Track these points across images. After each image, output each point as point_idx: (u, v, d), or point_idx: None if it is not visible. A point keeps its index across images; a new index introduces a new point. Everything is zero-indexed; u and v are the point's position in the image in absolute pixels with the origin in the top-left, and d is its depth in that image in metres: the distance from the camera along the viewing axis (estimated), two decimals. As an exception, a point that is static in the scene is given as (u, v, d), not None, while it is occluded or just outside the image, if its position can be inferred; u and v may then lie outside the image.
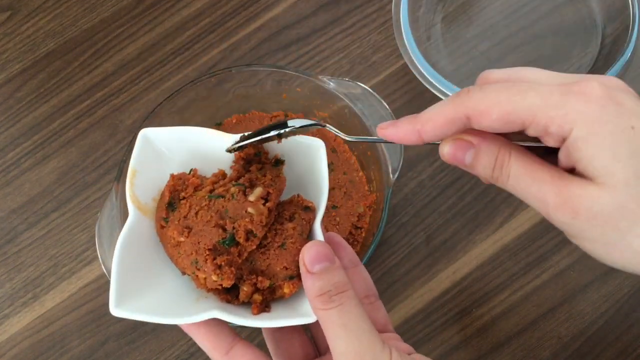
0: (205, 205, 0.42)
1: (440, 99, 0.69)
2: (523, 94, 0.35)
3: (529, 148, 0.39)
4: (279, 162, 0.46)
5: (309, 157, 0.45)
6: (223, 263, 0.41)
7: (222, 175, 0.45)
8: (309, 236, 0.44)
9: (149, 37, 0.82)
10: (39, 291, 0.73)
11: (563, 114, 0.34)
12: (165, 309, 0.42)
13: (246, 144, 0.45)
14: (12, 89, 0.81)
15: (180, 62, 0.81)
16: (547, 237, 0.72)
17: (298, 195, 0.45)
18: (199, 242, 0.41)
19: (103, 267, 0.64)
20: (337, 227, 0.69)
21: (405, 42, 0.75)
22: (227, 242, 0.41)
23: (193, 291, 0.44)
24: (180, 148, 0.45)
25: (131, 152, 0.59)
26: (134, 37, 0.82)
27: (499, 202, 0.73)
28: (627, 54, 0.72)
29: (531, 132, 0.36)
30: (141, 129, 0.65)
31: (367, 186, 0.71)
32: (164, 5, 0.84)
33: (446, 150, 0.39)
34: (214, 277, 0.41)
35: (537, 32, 0.79)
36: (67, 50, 0.82)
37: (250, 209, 0.42)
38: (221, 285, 0.41)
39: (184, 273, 0.44)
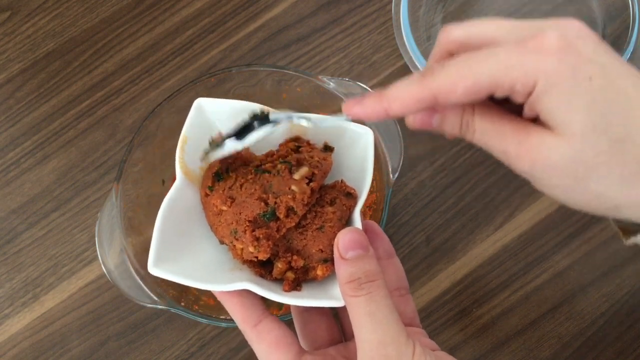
0: (251, 178, 0.43)
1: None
2: (483, 64, 0.35)
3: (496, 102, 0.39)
4: (327, 148, 0.46)
5: (356, 145, 0.45)
6: (261, 235, 0.41)
7: (271, 154, 0.45)
8: (348, 222, 0.44)
9: (149, 37, 0.82)
10: (39, 291, 0.73)
11: (524, 73, 0.35)
12: (200, 275, 0.42)
13: (222, 151, 0.44)
14: (12, 88, 0.81)
15: (180, 62, 0.81)
16: (547, 237, 0.72)
17: (341, 180, 0.45)
18: (240, 213, 0.42)
19: (103, 267, 0.64)
20: None
21: (405, 42, 0.75)
22: (267, 216, 0.42)
23: (229, 261, 0.44)
24: (231, 121, 0.45)
25: (131, 152, 0.60)
26: (134, 37, 0.82)
27: (499, 202, 0.73)
28: (627, 54, 0.72)
29: (499, 95, 0.36)
30: (141, 129, 0.65)
31: None
32: (164, 5, 0.84)
33: (413, 119, 0.40)
34: (251, 249, 0.41)
35: (537, 32, 0.79)
36: (67, 50, 0.82)
37: (293, 187, 0.42)
38: (257, 257, 0.42)
39: (222, 242, 0.44)
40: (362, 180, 0.44)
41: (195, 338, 0.71)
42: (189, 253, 0.44)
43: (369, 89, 0.66)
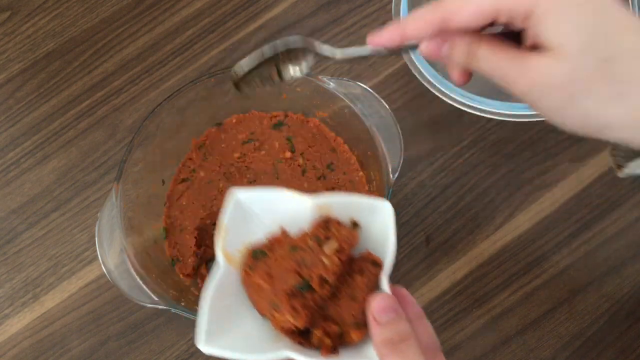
0: (286, 255, 0.48)
1: (441, 99, 0.69)
2: None
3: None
4: (354, 225, 0.51)
5: (377, 216, 0.49)
6: (298, 305, 0.46)
7: (303, 234, 0.50)
8: (376, 289, 0.48)
9: (149, 37, 0.82)
10: (39, 291, 0.73)
11: (528, 11, 0.38)
12: (247, 347, 0.47)
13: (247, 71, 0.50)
14: (12, 88, 0.81)
15: (180, 62, 0.81)
16: (547, 237, 0.72)
17: (367, 251, 0.49)
18: (278, 286, 0.46)
19: (103, 267, 0.64)
20: None
21: (405, 42, 0.75)
22: (303, 287, 0.46)
23: (270, 333, 0.48)
24: (265, 207, 0.50)
25: (131, 152, 0.62)
26: (134, 37, 0.82)
27: (499, 202, 0.73)
28: (627, 54, 0.72)
29: (502, 20, 0.40)
30: (141, 129, 0.65)
31: (367, 186, 0.71)
32: (164, 5, 0.84)
33: (425, 46, 0.43)
34: (290, 318, 0.46)
35: (537, 32, 0.79)
36: (67, 50, 0.83)
37: (325, 260, 0.46)
38: (295, 326, 0.46)
39: (263, 315, 0.48)
40: (386, 249, 0.48)
41: (195, 338, 0.71)
42: (234, 329, 0.48)
43: (369, 89, 0.66)
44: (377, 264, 0.48)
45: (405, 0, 0.75)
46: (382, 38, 0.43)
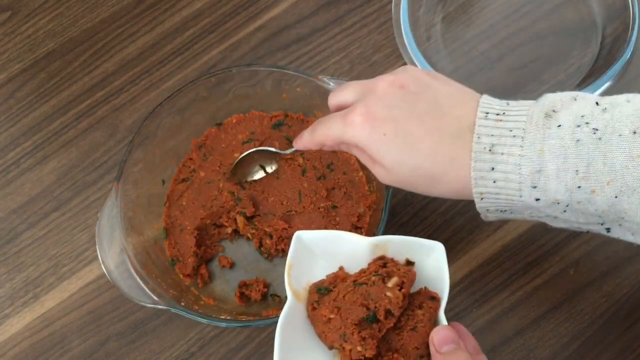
0: (351, 290, 0.51)
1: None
2: (330, 129, 0.57)
3: None
4: (409, 263, 0.55)
5: (431, 256, 0.54)
6: (367, 336, 0.49)
7: (363, 271, 0.54)
8: (436, 322, 0.52)
9: (149, 37, 0.83)
10: (39, 291, 0.73)
11: (349, 138, 0.55)
12: None
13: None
14: (12, 89, 0.81)
15: (180, 62, 0.81)
16: (547, 237, 0.72)
17: (425, 287, 0.53)
18: (347, 318, 0.50)
19: (103, 267, 0.64)
20: (337, 227, 0.69)
21: (405, 42, 0.75)
22: (370, 319, 0.50)
23: None
24: (326, 247, 0.55)
25: (131, 152, 0.67)
26: (134, 37, 0.83)
27: (499, 202, 0.73)
28: (627, 54, 0.72)
29: (345, 148, 0.59)
30: (141, 129, 0.65)
31: (367, 186, 0.71)
32: (164, 5, 0.84)
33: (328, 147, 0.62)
34: (359, 348, 0.49)
35: (537, 32, 0.79)
36: (67, 50, 0.83)
37: (388, 293, 0.50)
38: (364, 356, 0.49)
39: (331, 347, 0.52)
40: (441, 285, 0.53)
41: (196, 338, 0.71)
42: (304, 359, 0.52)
43: None
44: (435, 299, 0.52)
45: (405, 0, 0.75)
46: (300, 144, 0.61)
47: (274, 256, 0.71)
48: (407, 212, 0.73)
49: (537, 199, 0.49)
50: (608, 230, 0.50)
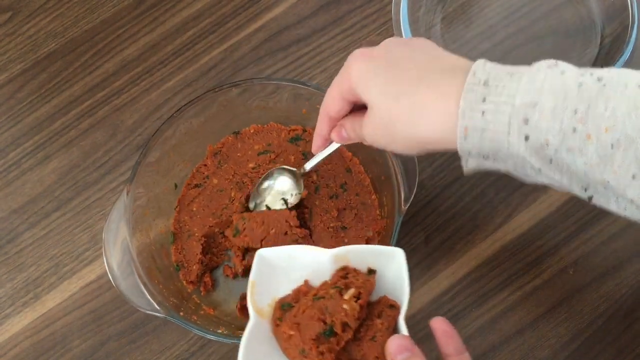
0: (311, 305, 0.52)
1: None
2: (331, 89, 0.56)
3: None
4: (371, 272, 0.55)
5: (392, 263, 0.54)
6: (325, 350, 0.50)
7: (325, 284, 0.54)
8: (395, 330, 0.52)
9: (149, 37, 0.83)
10: (40, 291, 0.74)
11: (347, 81, 0.53)
12: None
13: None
14: (13, 89, 0.82)
15: (181, 63, 0.81)
16: (546, 237, 0.72)
17: (385, 295, 0.54)
18: (305, 334, 0.51)
19: (108, 269, 0.63)
20: None
21: (405, 42, 0.75)
22: (327, 333, 0.50)
23: None
24: (288, 262, 0.56)
25: (146, 154, 0.67)
26: (135, 38, 0.83)
27: (498, 202, 0.73)
28: (627, 54, 0.72)
29: (350, 99, 0.55)
30: (158, 132, 0.67)
31: (378, 210, 0.71)
32: (165, 6, 0.84)
33: (333, 135, 0.59)
34: None
35: (537, 32, 0.79)
36: (68, 51, 0.83)
37: (345, 305, 0.51)
38: None
39: None
40: (402, 292, 0.53)
41: (196, 338, 0.71)
42: None
43: None
44: (394, 307, 0.53)
45: (405, 1, 0.75)
46: (316, 146, 0.62)
47: None
48: (407, 212, 0.73)
49: (527, 137, 0.45)
50: (590, 198, 0.47)
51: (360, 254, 0.55)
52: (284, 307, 0.54)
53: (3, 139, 0.80)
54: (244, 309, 0.68)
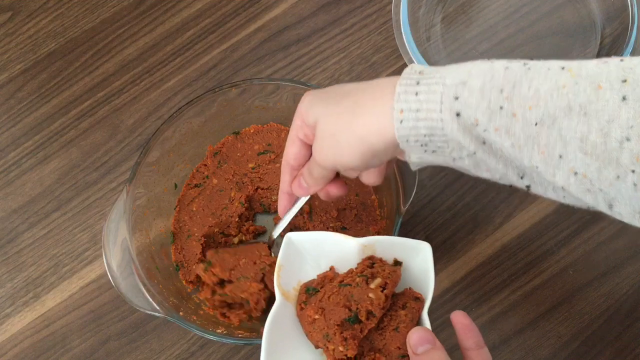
0: (336, 291, 0.53)
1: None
2: (291, 131, 0.58)
3: None
4: (397, 263, 0.56)
5: (418, 257, 0.55)
6: (348, 336, 0.50)
7: (351, 272, 0.55)
8: (419, 322, 0.53)
9: (149, 37, 0.83)
10: (40, 291, 0.74)
11: (300, 117, 0.56)
12: None
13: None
14: (13, 89, 0.82)
15: (181, 63, 0.82)
16: (546, 237, 0.72)
17: (409, 288, 0.54)
18: (330, 319, 0.51)
19: (107, 269, 0.63)
20: None
21: (405, 42, 0.75)
22: (352, 320, 0.51)
23: None
24: (316, 248, 0.56)
25: (146, 154, 0.67)
26: (135, 38, 0.83)
27: (498, 202, 0.73)
28: (627, 54, 0.72)
29: (305, 140, 0.58)
30: (158, 132, 0.67)
31: (378, 211, 0.71)
32: (165, 6, 0.84)
33: (294, 188, 0.60)
34: (341, 348, 0.50)
35: (537, 32, 0.79)
36: (68, 51, 0.83)
37: (371, 294, 0.51)
38: (346, 355, 0.51)
39: (316, 346, 0.53)
40: (427, 286, 0.53)
41: (196, 338, 0.71)
42: (291, 358, 0.54)
43: None
44: (419, 300, 0.53)
45: (405, 1, 0.75)
46: (282, 207, 0.63)
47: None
48: (406, 212, 0.73)
49: (458, 114, 0.46)
50: (528, 187, 0.48)
51: (387, 245, 0.55)
52: (309, 292, 0.55)
53: (3, 139, 0.80)
54: (224, 317, 0.67)
